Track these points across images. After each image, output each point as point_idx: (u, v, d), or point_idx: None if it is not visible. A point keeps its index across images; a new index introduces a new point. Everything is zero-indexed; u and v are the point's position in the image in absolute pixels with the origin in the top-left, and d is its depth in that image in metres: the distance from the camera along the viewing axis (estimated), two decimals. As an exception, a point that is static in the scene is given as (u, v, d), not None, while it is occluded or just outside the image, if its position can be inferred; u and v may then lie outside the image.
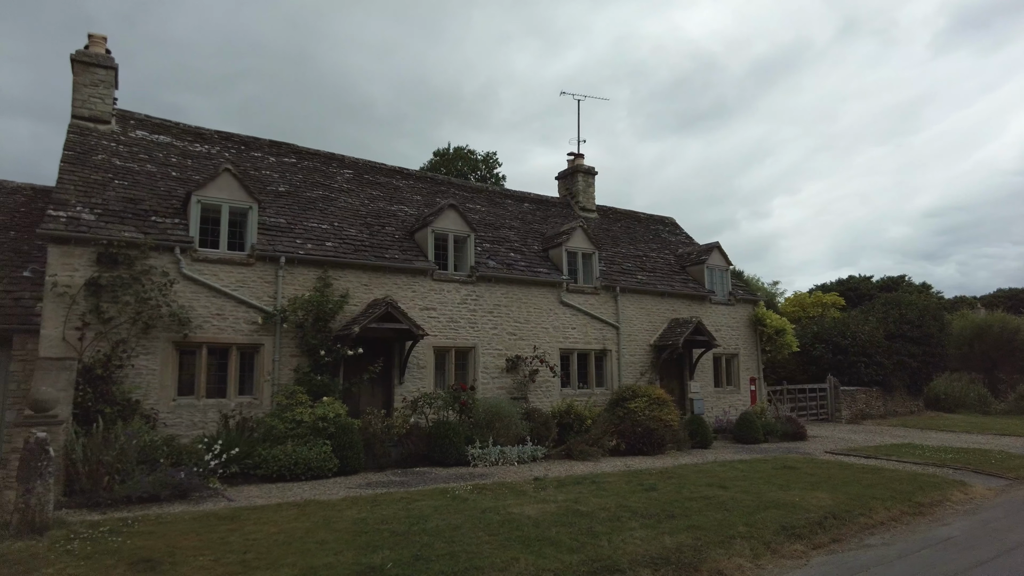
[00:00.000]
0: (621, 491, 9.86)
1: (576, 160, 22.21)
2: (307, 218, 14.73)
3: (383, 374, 14.24)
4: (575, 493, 9.63)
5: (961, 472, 12.93)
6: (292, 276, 13.37)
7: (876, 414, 24.78)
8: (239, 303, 12.76)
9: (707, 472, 11.94)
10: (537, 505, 8.69)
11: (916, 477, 11.79)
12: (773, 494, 9.85)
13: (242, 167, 15.49)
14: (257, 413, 12.32)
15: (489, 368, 15.56)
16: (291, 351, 13.11)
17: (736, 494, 9.79)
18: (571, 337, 17.13)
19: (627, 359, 18.04)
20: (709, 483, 10.65)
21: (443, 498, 9.09)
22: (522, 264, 16.85)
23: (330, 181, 16.70)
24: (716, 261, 20.61)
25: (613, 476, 11.36)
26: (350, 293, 13.82)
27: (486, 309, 15.76)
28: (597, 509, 8.51)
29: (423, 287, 14.90)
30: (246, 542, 6.80)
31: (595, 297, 17.73)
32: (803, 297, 33.44)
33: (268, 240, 13.41)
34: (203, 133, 15.99)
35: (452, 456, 12.52)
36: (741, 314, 20.88)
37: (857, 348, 24.54)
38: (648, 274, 19.52)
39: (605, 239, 20.57)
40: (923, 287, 58.28)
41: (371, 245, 14.76)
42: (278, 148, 16.91)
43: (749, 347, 20.86)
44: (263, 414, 12.13)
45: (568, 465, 12.84)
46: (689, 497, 9.45)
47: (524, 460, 13.10)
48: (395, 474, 11.62)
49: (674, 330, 18.43)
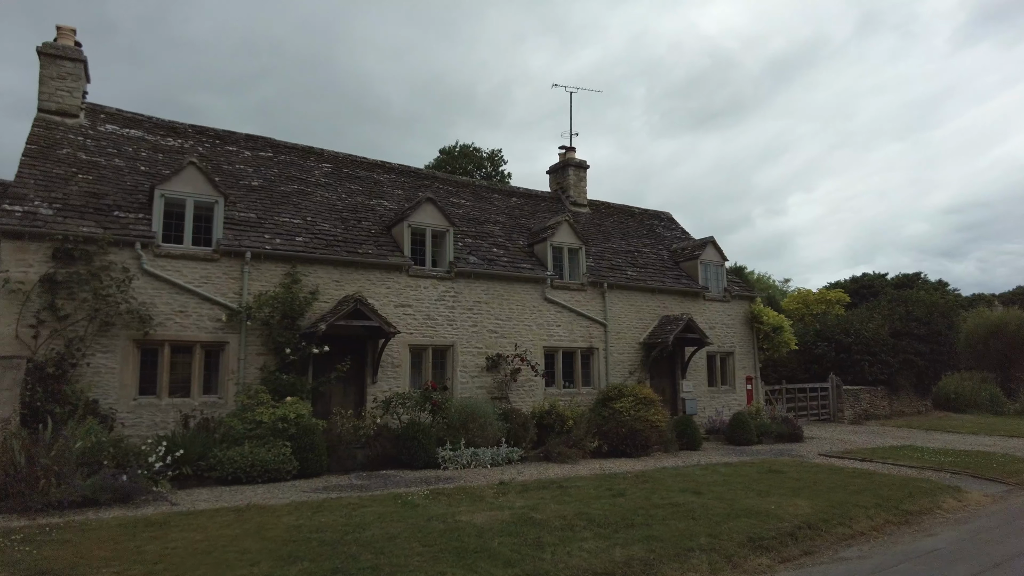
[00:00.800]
0: (586, 497, 9.33)
1: (567, 153, 21.64)
2: (279, 213, 14.33)
3: (356, 373, 13.82)
4: (536, 499, 9.12)
5: (958, 477, 12.24)
6: (259, 272, 12.97)
7: (881, 414, 23.97)
8: (203, 300, 12.39)
9: (686, 476, 11.37)
10: (489, 512, 8.19)
11: (908, 483, 11.14)
12: (749, 501, 9.27)
13: (215, 161, 15.15)
14: (221, 413, 11.93)
15: (468, 367, 15.07)
16: (257, 349, 12.72)
17: (709, 500, 9.23)
18: (556, 335, 16.59)
19: (615, 358, 17.47)
20: (684, 488, 10.10)
21: (393, 504, 8.62)
22: (505, 260, 16.34)
23: (307, 175, 16.29)
24: (711, 256, 19.96)
25: (584, 480, 10.83)
26: (320, 289, 13.40)
27: (465, 306, 15.27)
28: (552, 517, 7.99)
29: (398, 283, 14.45)
30: (162, 552, 6.38)
31: (581, 293, 17.18)
32: (806, 294, 32.50)
33: (235, 235, 13.02)
34: (176, 127, 15.64)
35: (421, 459, 12.06)
36: (737, 311, 20.20)
37: (861, 346, 23.74)
38: (639, 270, 18.92)
39: (595, 234, 20.00)
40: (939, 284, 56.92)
41: (345, 240, 14.33)
42: (254, 142, 16.54)
43: (745, 345, 20.19)
44: (227, 414, 11.74)
45: (543, 468, 12.33)
46: (657, 504, 8.91)
47: (498, 463, 12.61)
48: (358, 477, 11.17)
49: (664, 327, 17.82)
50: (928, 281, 56.63)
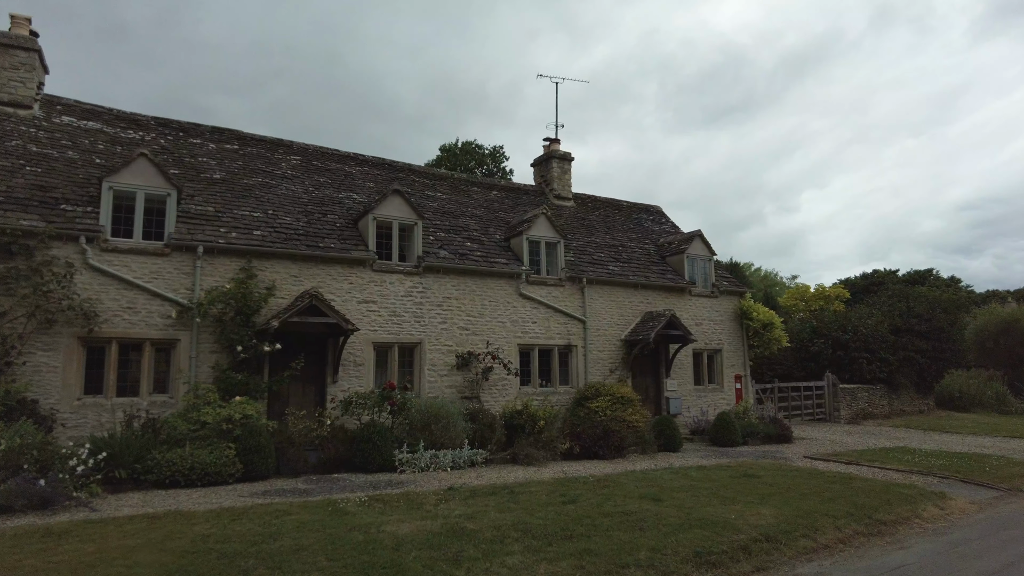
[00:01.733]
0: (535, 504, 8.75)
1: (551, 146, 21.00)
2: (239, 206, 13.84)
3: (316, 372, 13.32)
4: (480, 506, 8.54)
5: (946, 482, 11.53)
6: (212, 267, 12.49)
7: (879, 414, 23.15)
8: (153, 296, 11.92)
9: (652, 480, 10.75)
10: (420, 522, 7.63)
11: (889, 489, 10.46)
12: (709, 509, 8.66)
13: (176, 154, 14.70)
14: (171, 413, 11.46)
15: (437, 366, 14.52)
16: (210, 347, 12.24)
17: (666, 508, 8.62)
18: (531, 332, 16.00)
19: (595, 355, 16.84)
20: (644, 495, 9.48)
21: (322, 512, 8.08)
22: (478, 254, 15.76)
23: (273, 168, 15.80)
24: (697, 250, 19.26)
25: (541, 485, 10.24)
26: (277, 285, 12.90)
27: (434, 302, 14.71)
28: (487, 527, 7.42)
29: (362, 278, 13.91)
30: (44, 566, 5.88)
31: (559, 289, 16.57)
32: (804, 290, 31.57)
33: (188, 229, 12.55)
34: (138, 119, 15.20)
35: (376, 462, 11.52)
36: (726, 307, 19.49)
37: (859, 343, 22.91)
38: (622, 264, 18.27)
39: (578, 228, 19.37)
40: (951, 281, 55.61)
41: (306, 234, 13.82)
42: (220, 134, 16.06)
43: (734, 342, 19.47)
44: (171, 414, 11.26)
45: (504, 471, 11.75)
46: (607, 512, 8.31)
47: (459, 466, 12.04)
48: (306, 481, 10.65)
49: (647, 324, 17.17)
50: (940, 278, 55.36)
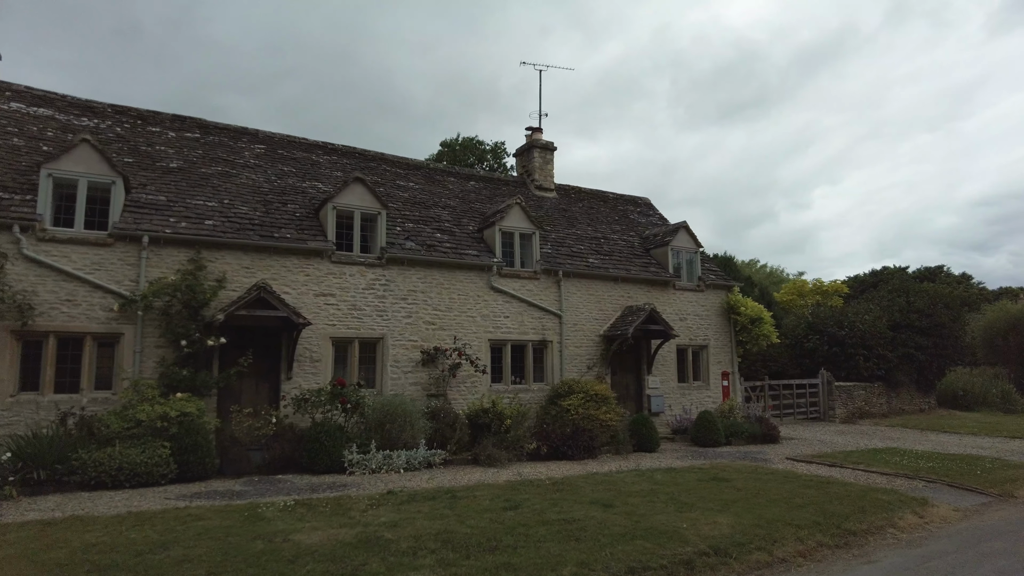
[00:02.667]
0: (473, 510, 8.11)
1: (533, 134, 20.31)
2: (194, 195, 13.28)
3: (270, 368, 12.75)
4: (411, 512, 7.92)
5: (932, 486, 10.77)
6: (159, 258, 11.94)
7: (877, 412, 22.28)
8: (95, 288, 11.38)
9: (610, 484, 10.08)
10: (337, 530, 7.02)
11: (867, 494, 9.72)
12: (661, 517, 7.99)
13: (132, 142, 14.17)
14: (107, 410, 10.92)
15: (401, 362, 13.90)
16: (156, 342, 11.68)
17: (614, 516, 7.96)
18: (503, 327, 15.34)
19: (571, 351, 16.16)
20: (595, 500, 8.82)
21: (236, 518, 7.49)
22: (447, 245, 15.12)
23: (235, 157, 15.24)
24: (683, 242, 18.51)
25: (491, 488, 9.59)
26: (228, 277, 12.32)
27: (399, 295, 14.09)
28: (406, 537, 6.80)
29: (319, 270, 13.32)
30: None
31: (534, 282, 15.90)
32: (801, 284, 30.63)
33: (136, 218, 12.00)
34: (94, 106, 14.69)
35: (323, 462, 10.93)
36: (712, 301, 18.74)
37: (856, 339, 22.03)
38: (603, 257, 17.57)
39: (559, 220, 18.68)
40: (963, 277, 54.35)
41: (262, 224, 13.24)
42: (182, 123, 15.52)
43: (721, 338, 18.71)
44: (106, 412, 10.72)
45: (460, 473, 11.12)
46: (548, 520, 7.66)
47: (414, 467, 11.43)
48: (246, 483, 10.08)
49: (626, 318, 16.47)
50: (951, 274, 54.11)
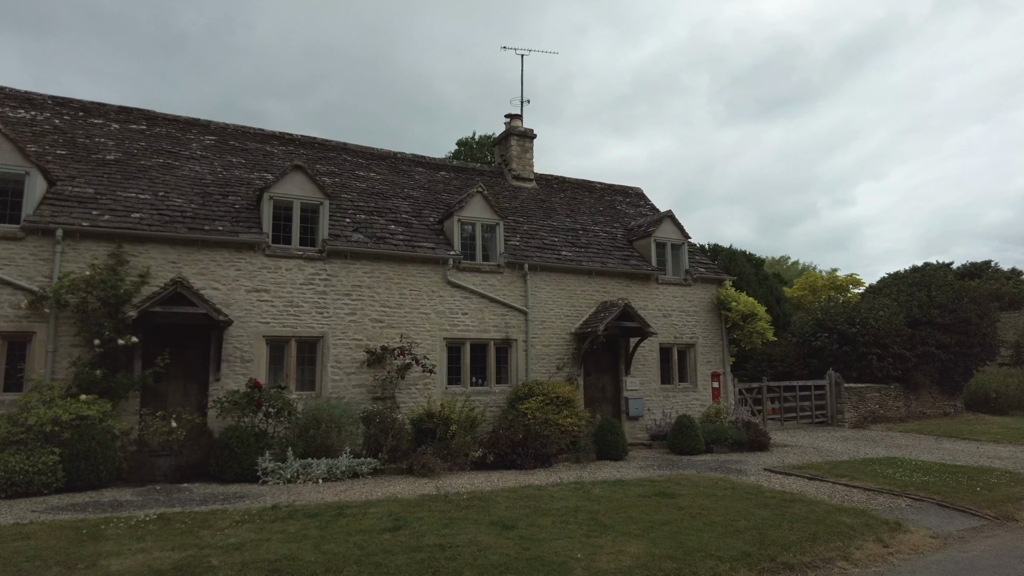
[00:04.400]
0: (346, 531, 7.08)
1: (512, 122, 19.20)
2: (127, 188, 12.63)
3: (198, 369, 12.01)
4: (272, 532, 6.94)
5: (917, 506, 9.31)
6: (77, 252, 11.29)
7: (893, 416, 20.42)
8: (4, 284, 10.79)
9: (534, 500, 8.93)
10: (164, 553, 6.08)
11: (830, 516, 8.36)
12: (560, 543, 6.84)
13: (70, 134, 13.62)
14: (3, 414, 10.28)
15: (343, 362, 12.99)
16: (72, 340, 11.02)
17: (504, 542, 6.84)
18: (461, 324, 14.29)
19: (539, 350, 15.01)
20: (498, 520, 7.71)
21: (67, 536, 6.60)
22: (400, 237, 14.16)
23: (181, 148, 14.56)
24: (667, 233, 17.14)
25: (389, 504, 8.54)
26: (152, 272, 11.61)
27: (341, 291, 13.19)
28: (233, 564, 5.82)
29: (252, 264, 12.50)
30: None
31: (497, 276, 14.80)
32: (814, 279, 28.60)
33: (53, 211, 11.38)
34: (33, 98, 14.21)
35: (233, 470, 10.08)
36: (700, 296, 17.31)
37: (868, 337, 20.22)
38: (579, 250, 16.36)
39: (535, 211, 17.54)
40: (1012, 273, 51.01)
41: (195, 216, 12.49)
42: (127, 114, 14.93)
43: (711, 335, 17.28)
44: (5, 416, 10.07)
45: (380, 485, 10.10)
46: (419, 546, 6.59)
47: (336, 477, 10.48)
48: (140, 493, 9.27)
49: (599, 315, 15.23)
50: (999, 270, 50.83)
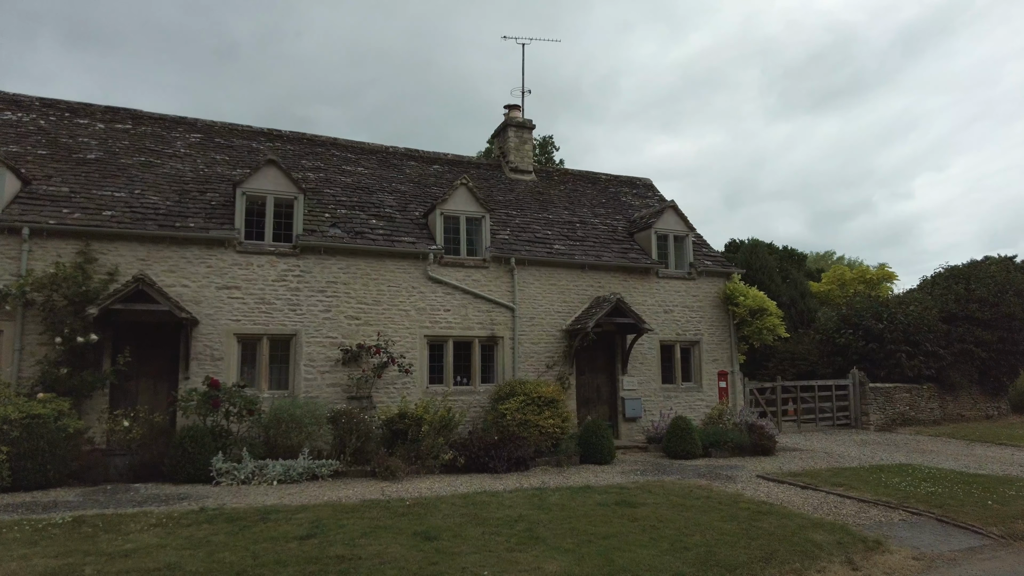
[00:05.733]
0: (256, 538, 6.64)
1: (510, 113, 18.59)
2: (103, 186, 12.62)
3: (170, 368, 11.87)
4: (177, 539, 6.55)
5: (913, 520, 8.31)
6: (44, 251, 11.28)
7: (926, 419, 18.90)
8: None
9: (479, 507, 8.32)
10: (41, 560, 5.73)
11: (800, 532, 7.49)
12: (473, 558, 6.24)
13: (53, 135, 13.74)
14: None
15: (317, 361, 12.66)
16: (39, 339, 11.02)
17: (415, 555, 6.28)
18: (443, 321, 13.79)
19: (527, 348, 14.38)
20: (424, 531, 7.14)
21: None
22: (379, 232, 13.76)
23: (164, 147, 14.52)
24: (669, 225, 16.24)
25: (322, 510, 8.05)
26: (121, 269, 11.52)
27: (316, 287, 12.87)
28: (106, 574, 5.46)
29: (223, 261, 12.29)
30: None
31: (482, 271, 14.24)
32: (842, 272, 26.83)
33: (23, 210, 11.41)
34: (20, 100, 14.39)
35: (186, 470, 9.83)
36: (706, 290, 16.34)
37: (897, 334, 18.77)
38: (573, 243, 15.64)
39: (530, 203, 16.90)
40: (1081, 263, 47.39)
41: (168, 213, 12.37)
42: (114, 114, 14.99)
43: (718, 332, 16.29)
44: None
45: (333, 488, 9.66)
46: (321, 556, 6.09)
47: (292, 479, 10.11)
48: (86, 493, 9.08)
49: (590, 311, 14.50)
50: (1067, 261, 47.34)
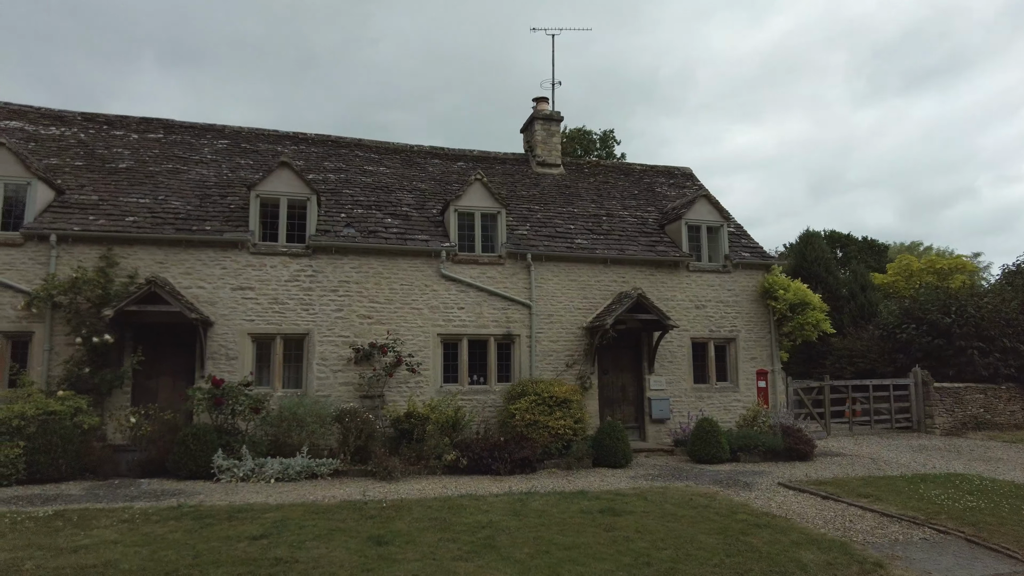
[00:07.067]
0: (212, 537, 6.62)
1: (539, 105, 18.15)
2: (129, 193, 13.20)
3: (187, 367, 12.25)
4: (136, 536, 6.60)
5: (935, 540, 7.35)
6: (71, 256, 11.89)
7: (1005, 422, 16.98)
8: (4, 288, 11.56)
9: (456, 511, 8.01)
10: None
11: (788, 551, 6.78)
12: (412, 566, 5.97)
13: (91, 147, 14.50)
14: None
15: (329, 360, 12.72)
16: (66, 340, 11.60)
17: (355, 560, 6.07)
18: (457, 319, 13.57)
19: (545, 346, 13.93)
20: (380, 535, 6.90)
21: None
22: (393, 231, 13.70)
23: (192, 153, 15.05)
24: (700, 215, 15.33)
25: (296, 509, 7.96)
26: (140, 273, 11.97)
27: (328, 287, 12.94)
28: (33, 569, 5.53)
29: (237, 263, 12.56)
30: None
31: (497, 268, 13.92)
32: (909, 263, 24.44)
33: (54, 218, 12.08)
34: (64, 116, 15.26)
35: (187, 467, 10.06)
36: (742, 284, 15.32)
37: (968, 329, 16.98)
38: (598, 237, 15.05)
39: (556, 197, 16.42)
40: None
41: (188, 217, 12.79)
42: (147, 125, 15.68)
43: (756, 328, 15.24)
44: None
45: (324, 488, 9.60)
46: (256, 558, 5.98)
47: (290, 477, 10.15)
48: (91, 487, 9.44)
49: (611, 308, 13.88)
50: None
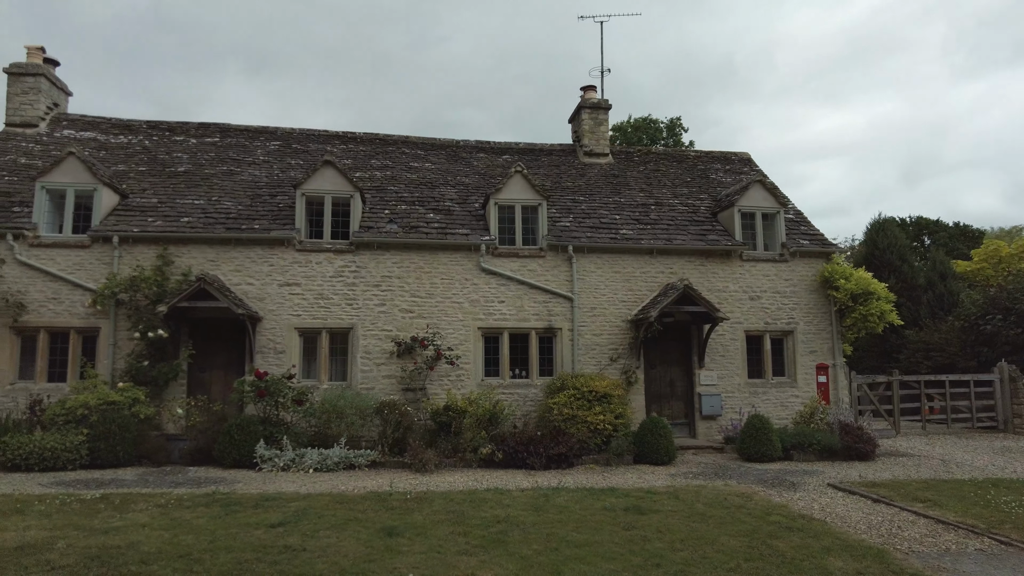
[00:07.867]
0: (234, 523, 6.83)
1: (586, 94, 17.76)
2: (186, 195, 13.88)
3: (239, 360, 12.77)
4: (163, 521, 6.90)
5: (993, 551, 6.66)
6: (131, 256, 12.62)
7: (1109, 424, 15.24)
8: (75, 287, 12.41)
9: (479, 505, 7.93)
10: (32, 533, 6.32)
11: (815, 557, 6.31)
12: (414, 558, 5.93)
13: (153, 152, 15.34)
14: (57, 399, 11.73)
15: (373, 353, 12.93)
16: (128, 335, 12.33)
17: (361, 550, 6.10)
18: (498, 313, 13.48)
19: (588, 340, 13.63)
20: (394, 527, 6.93)
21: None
22: (434, 226, 13.76)
23: (245, 155, 15.66)
24: (755, 201, 14.56)
25: (323, 499, 8.12)
26: (193, 271, 12.57)
27: (371, 282, 13.14)
28: (64, 548, 5.85)
29: (284, 260, 12.95)
30: None
31: (538, 261, 13.73)
32: (996, 248, 22.06)
33: (117, 220, 12.86)
34: (131, 125, 16.20)
35: (232, 456, 10.49)
36: (801, 274, 14.45)
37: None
38: (644, 227, 14.58)
39: (602, 187, 16.03)
40: None
41: (238, 217, 13.31)
42: (205, 129, 16.41)
43: (816, 320, 14.35)
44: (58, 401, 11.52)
45: (357, 478, 9.76)
46: (268, 545, 6.10)
47: (328, 467, 10.38)
48: (144, 473, 10.01)
49: (656, 300, 13.41)
50: None
